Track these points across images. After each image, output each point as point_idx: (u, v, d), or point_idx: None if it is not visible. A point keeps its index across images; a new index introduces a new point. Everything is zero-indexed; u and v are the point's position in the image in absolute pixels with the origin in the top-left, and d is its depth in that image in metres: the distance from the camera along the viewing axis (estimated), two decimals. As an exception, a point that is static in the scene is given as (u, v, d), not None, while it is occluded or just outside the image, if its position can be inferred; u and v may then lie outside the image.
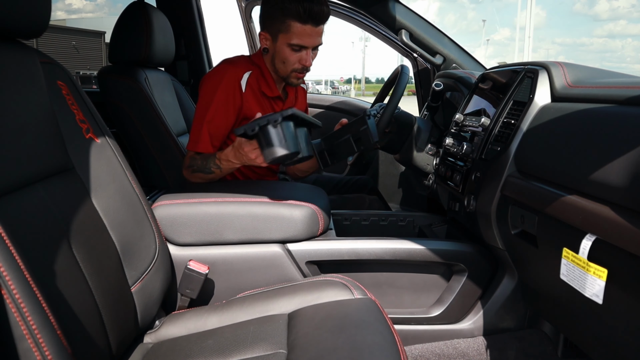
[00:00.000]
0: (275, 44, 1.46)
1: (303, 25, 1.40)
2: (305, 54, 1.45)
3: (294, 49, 1.43)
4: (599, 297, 0.78)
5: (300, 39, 1.41)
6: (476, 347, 1.31)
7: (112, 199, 0.97)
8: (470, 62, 1.94)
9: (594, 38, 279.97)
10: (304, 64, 1.46)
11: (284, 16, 1.39)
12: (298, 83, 1.55)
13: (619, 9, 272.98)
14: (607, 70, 1.13)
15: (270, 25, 1.44)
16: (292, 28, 1.40)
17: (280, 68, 1.49)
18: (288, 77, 1.50)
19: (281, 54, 1.45)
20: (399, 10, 1.89)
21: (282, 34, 1.42)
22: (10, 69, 0.82)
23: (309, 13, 1.38)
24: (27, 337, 0.61)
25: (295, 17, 1.39)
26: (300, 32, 1.41)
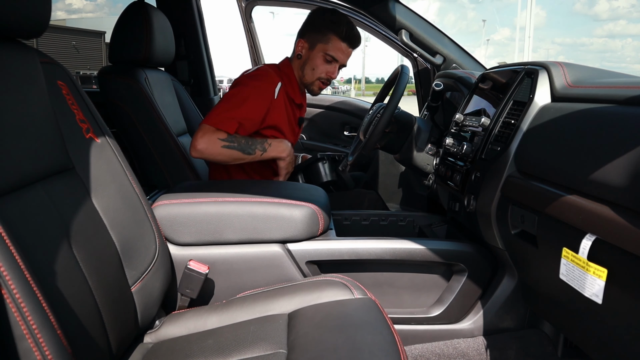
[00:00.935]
0: (311, 51, 1.67)
1: (341, 42, 1.65)
2: (333, 67, 1.67)
3: (326, 59, 1.66)
4: (599, 297, 0.78)
5: (335, 52, 1.65)
6: (476, 347, 1.31)
7: (112, 199, 0.97)
8: (470, 62, 1.94)
9: (594, 38, 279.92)
10: (329, 75, 1.68)
11: (328, 30, 1.64)
12: (318, 93, 1.74)
13: (619, 9, 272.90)
14: (607, 70, 1.13)
15: (312, 35, 1.66)
16: (332, 41, 1.64)
17: (308, 74, 1.68)
18: (312, 84, 1.70)
19: (314, 61, 1.66)
20: (399, 10, 1.89)
21: (320, 44, 1.65)
22: (10, 69, 0.82)
23: (349, 35, 1.65)
24: (27, 336, 0.61)
25: (337, 34, 1.63)
26: (336, 47, 1.65)
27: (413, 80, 2.32)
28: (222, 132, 1.50)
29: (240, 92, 1.57)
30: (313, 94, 1.77)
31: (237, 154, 1.51)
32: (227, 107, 1.53)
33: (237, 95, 1.56)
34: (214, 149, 1.49)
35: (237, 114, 1.52)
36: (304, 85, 1.73)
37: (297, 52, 1.70)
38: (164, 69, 2.20)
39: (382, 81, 3.94)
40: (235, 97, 1.55)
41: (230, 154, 1.51)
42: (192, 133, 2.15)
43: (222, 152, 1.50)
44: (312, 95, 1.79)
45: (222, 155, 1.51)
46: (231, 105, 1.54)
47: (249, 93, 1.56)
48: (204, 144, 1.48)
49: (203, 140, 1.48)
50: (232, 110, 1.52)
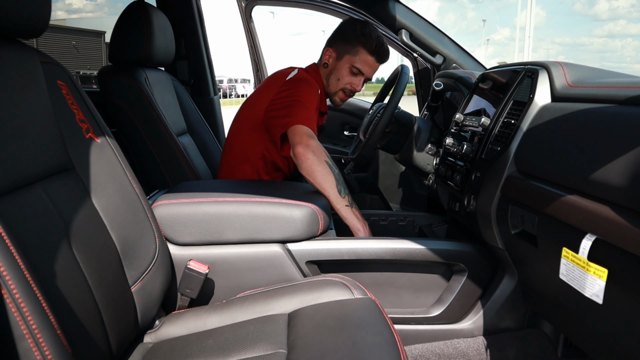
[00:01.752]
0: (338, 62, 1.65)
1: (369, 56, 1.63)
2: (358, 80, 1.66)
3: (352, 71, 1.64)
4: (599, 297, 0.78)
5: (361, 65, 1.64)
6: (476, 347, 1.30)
7: (112, 199, 0.97)
8: (470, 62, 1.94)
9: (594, 38, 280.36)
10: (354, 88, 1.67)
11: (357, 42, 1.62)
12: (340, 104, 1.73)
13: (619, 9, 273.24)
14: (607, 70, 1.13)
15: (341, 46, 1.65)
16: (360, 54, 1.63)
17: (333, 84, 1.67)
18: (335, 94, 1.69)
19: (340, 71, 1.65)
20: (399, 10, 1.89)
21: (348, 55, 1.63)
22: (10, 68, 0.82)
23: (377, 50, 1.63)
24: (27, 336, 0.61)
25: (367, 47, 1.62)
26: (364, 60, 1.63)
27: (413, 80, 2.32)
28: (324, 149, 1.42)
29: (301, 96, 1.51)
30: (335, 105, 1.74)
31: (331, 181, 1.38)
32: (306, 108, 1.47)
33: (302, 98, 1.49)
34: (317, 158, 1.38)
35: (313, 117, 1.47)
36: (327, 94, 1.71)
37: (324, 61, 1.68)
38: (164, 68, 2.20)
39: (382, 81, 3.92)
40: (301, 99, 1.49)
41: (326, 173, 1.38)
42: (192, 133, 2.16)
43: (323, 166, 1.38)
44: (334, 105, 1.76)
45: (320, 170, 1.37)
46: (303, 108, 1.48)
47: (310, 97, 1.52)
48: (307, 145, 1.38)
49: (307, 142, 1.38)
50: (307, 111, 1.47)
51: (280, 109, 1.52)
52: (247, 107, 1.69)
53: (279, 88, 1.58)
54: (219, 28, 12.02)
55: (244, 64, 5.86)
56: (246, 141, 1.65)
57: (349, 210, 1.41)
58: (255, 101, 1.66)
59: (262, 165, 1.65)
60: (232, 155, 1.68)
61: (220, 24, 9.64)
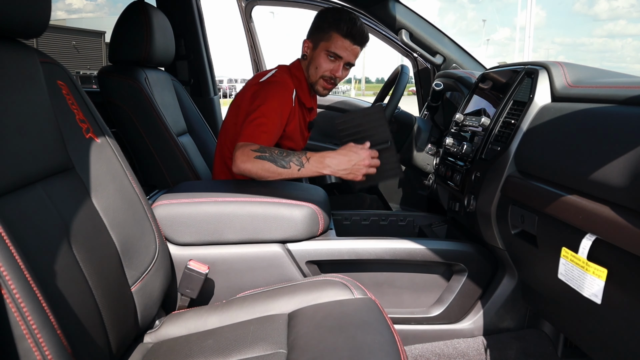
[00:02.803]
0: (315, 51, 1.64)
1: (343, 39, 1.59)
2: (337, 65, 1.62)
3: (329, 56, 1.61)
4: (598, 297, 0.78)
5: (337, 49, 1.60)
6: (476, 347, 1.30)
7: (112, 199, 0.97)
8: (470, 61, 1.94)
9: (594, 38, 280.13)
10: (333, 74, 1.63)
11: (329, 28, 1.60)
12: (324, 93, 1.68)
13: (619, 9, 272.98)
14: (607, 70, 1.13)
15: (316, 35, 1.63)
16: (333, 38, 1.60)
17: (312, 74, 1.65)
18: (316, 83, 1.66)
19: (317, 59, 1.63)
20: (399, 10, 1.89)
21: (323, 42, 1.62)
22: (10, 68, 0.82)
23: (351, 30, 1.59)
24: (27, 336, 0.61)
25: (339, 31, 1.59)
26: (338, 44, 1.60)
27: (413, 80, 2.32)
28: (254, 145, 1.42)
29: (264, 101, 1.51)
30: (319, 95, 1.73)
31: (270, 165, 1.39)
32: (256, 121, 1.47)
33: (263, 106, 1.50)
34: (248, 160, 1.38)
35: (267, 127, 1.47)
36: (310, 86, 1.71)
37: (303, 53, 1.69)
38: (164, 68, 2.20)
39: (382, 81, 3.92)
40: (261, 107, 1.50)
41: (262, 165, 1.39)
42: (192, 133, 2.16)
43: (255, 163, 1.39)
44: (318, 95, 1.75)
45: (256, 167, 1.39)
46: (260, 116, 1.48)
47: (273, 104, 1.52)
48: (239, 159, 1.39)
49: (238, 155, 1.40)
50: (262, 125, 1.47)
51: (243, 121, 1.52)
52: (230, 112, 1.70)
53: (249, 95, 1.59)
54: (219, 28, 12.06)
55: (244, 64, 5.84)
56: (233, 143, 1.65)
57: (305, 170, 1.39)
58: (238, 104, 1.67)
59: None
60: (222, 157, 1.68)
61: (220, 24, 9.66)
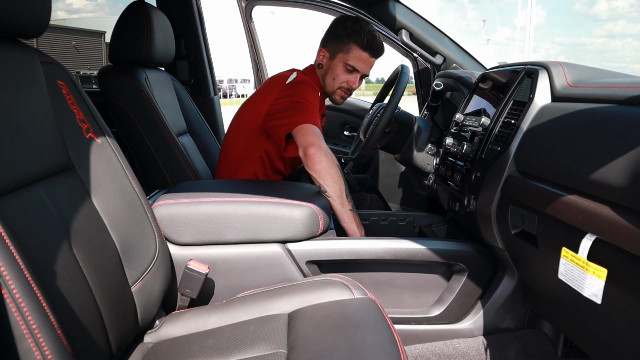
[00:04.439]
0: (332, 61, 1.64)
1: (362, 52, 1.60)
2: (354, 77, 1.63)
3: (347, 69, 1.62)
4: (598, 297, 0.78)
5: (356, 63, 1.61)
6: (476, 347, 1.30)
7: (112, 199, 0.97)
8: (470, 61, 1.94)
9: (594, 38, 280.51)
10: (350, 85, 1.64)
11: (349, 39, 1.60)
12: (340, 102, 1.70)
13: (618, 9, 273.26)
14: (607, 70, 1.13)
15: (333, 45, 1.63)
16: (353, 51, 1.60)
17: (329, 84, 1.66)
18: (333, 93, 1.67)
19: (335, 70, 1.63)
20: (399, 10, 1.89)
21: (341, 53, 1.61)
22: (10, 68, 0.82)
23: (370, 45, 1.60)
24: (27, 336, 0.61)
25: (359, 43, 1.59)
26: (357, 57, 1.61)
27: (413, 80, 2.32)
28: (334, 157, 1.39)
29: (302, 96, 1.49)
30: (335, 103, 1.72)
31: (342, 185, 1.37)
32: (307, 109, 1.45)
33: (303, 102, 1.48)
34: (329, 161, 1.36)
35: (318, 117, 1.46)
36: (326, 95, 1.70)
37: (319, 62, 1.67)
38: (164, 68, 2.21)
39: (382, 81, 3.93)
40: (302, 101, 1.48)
41: (338, 177, 1.37)
42: (192, 133, 2.16)
43: (333, 169, 1.36)
44: (334, 104, 1.74)
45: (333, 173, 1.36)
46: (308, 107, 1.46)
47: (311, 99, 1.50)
48: (320, 147, 1.35)
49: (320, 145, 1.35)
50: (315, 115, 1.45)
51: (283, 110, 1.50)
52: (246, 109, 1.69)
53: (278, 93, 1.57)
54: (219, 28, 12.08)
55: (244, 64, 5.85)
56: (244, 144, 1.64)
57: (352, 215, 1.41)
58: (254, 104, 1.64)
59: (260, 167, 1.64)
60: (230, 157, 1.68)
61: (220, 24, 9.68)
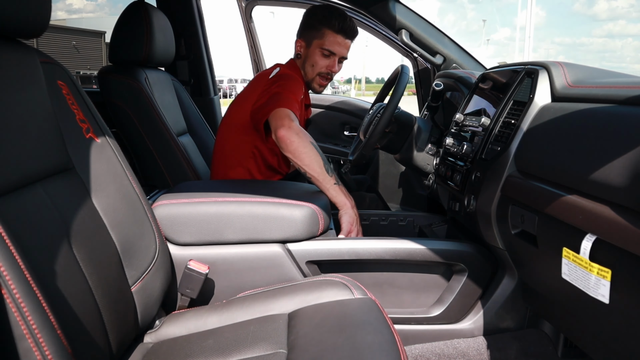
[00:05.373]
0: (309, 49, 1.69)
1: (336, 35, 1.65)
2: (332, 61, 1.68)
3: (324, 53, 1.66)
4: (605, 297, 0.78)
5: (331, 46, 1.66)
6: (476, 347, 1.30)
7: (112, 199, 0.97)
8: (470, 61, 1.94)
9: (594, 38, 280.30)
10: (330, 69, 1.69)
11: (321, 25, 1.65)
12: (320, 90, 1.74)
13: (618, 9, 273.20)
14: (607, 70, 1.13)
15: (308, 33, 1.68)
16: (326, 35, 1.65)
17: (309, 71, 1.70)
18: (312, 80, 1.71)
19: (312, 57, 1.68)
20: (399, 10, 1.89)
21: (316, 40, 1.67)
22: (10, 68, 0.82)
23: (342, 26, 1.65)
24: (27, 336, 0.61)
25: (331, 27, 1.64)
26: (331, 40, 1.66)
27: (413, 80, 2.32)
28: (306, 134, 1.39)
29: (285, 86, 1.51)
30: (315, 92, 1.77)
31: (320, 160, 1.37)
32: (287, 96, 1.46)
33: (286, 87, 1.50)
34: (302, 139, 1.36)
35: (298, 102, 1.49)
36: (306, 84, 1.74)
37: (297, 52, 1.72)
38: (164, 68, 2.21)
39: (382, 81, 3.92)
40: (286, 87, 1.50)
41: (314, 154, 1.36)
42: (192, 133, 2.16)
43: (308, 147, 1.36)
44: (315, 92, 1.78)
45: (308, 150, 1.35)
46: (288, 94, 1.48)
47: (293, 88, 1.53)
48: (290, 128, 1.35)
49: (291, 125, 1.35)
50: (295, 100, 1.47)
51: (264, 103, 1.52)
52: (234, 107, 1.71)
53: (262, 87, 1.60)
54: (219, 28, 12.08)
55: (244, 64, 5.85)
56: (235, 142, 1.66)
57: (337, 188, 1.41)
58: (242, 102, 1.67)
59: (253, 164, 1.65)
60: (223, 156, 1.68)
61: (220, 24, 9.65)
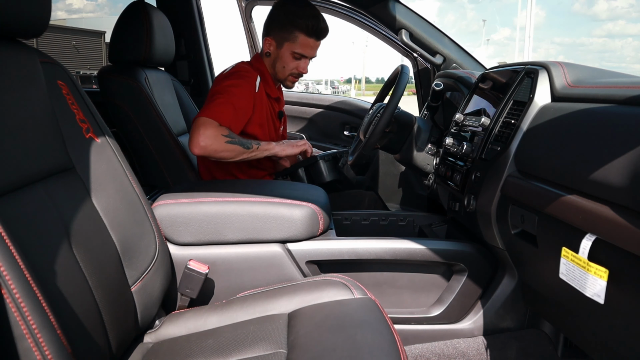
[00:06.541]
0: (279, 50, 1.65)
1: (308, 39, 1.62)
2: (303, 63, 1.67)
3: (295, 57, 1.64)
4: (601, 297, 0.78)
5: (303, 50, 1.63)
6: (476, 347, 1.30)
7: (112, 199, 0.97)
8: (470, 61, 1.94)
9: (593, 38, 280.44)
10: (301, 71, 1.68)
11: (293, 27, 1.60)
12: (292, 86, 1.75)
13: (617, 9, 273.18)
14: (607, 70, 1.13)
15: (278, 33, 1.64)
16: (299, 39, 1.62)
17: (280, 71, 1.68)
18: (285, 79, 1.70)
19: (283, 59, 1.65)
20: (399, 10, 1.89)
21: (287, 42, 1.63)
22: (10, 68, 0.82)
23: (315, 29, 1.61)
24: (27, 336, 0.61)
25: (303, 31, 1.60)
26: (304, 44, 1.63)
27: (413, 80, 2.32)
28: (223, 128, 1.45)
29: (225, 89, 1.52)
30: (287, 88, 1.79)
31: (239, 148, 1.47)
32: (223, 101, 1.48)
33: (224, 92, 1.51)
34: (219, 144, 1.43)
35: (231, 106, 1.48)
36: (277, 81, 1.73)
37: (266, 50, 1.68)
38: (164, 68, 2.20)
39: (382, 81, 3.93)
40: (223, 92, 1.51)
41: (234, 148, 1.46)
42: (192, 133, 2.15)
43: (226, 147, 1.45)
44: (287, 88, 1.80)
45: (227, 150, 1.45)
46: (222, 99, 1.49)
47: (234, 89, 1.53)
48: (208, 139, 1.41)
49: (206, 136, 1.41)
50: (229, 106, 1.48)
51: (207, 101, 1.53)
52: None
53: (213, 86, 1.60)
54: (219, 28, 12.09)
55: (244, 64, 5.79)
56: None
57: (265, 148, 1.54)
58: None
59: (233, 164, 1.65)
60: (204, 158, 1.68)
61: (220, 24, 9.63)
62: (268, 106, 1.70)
